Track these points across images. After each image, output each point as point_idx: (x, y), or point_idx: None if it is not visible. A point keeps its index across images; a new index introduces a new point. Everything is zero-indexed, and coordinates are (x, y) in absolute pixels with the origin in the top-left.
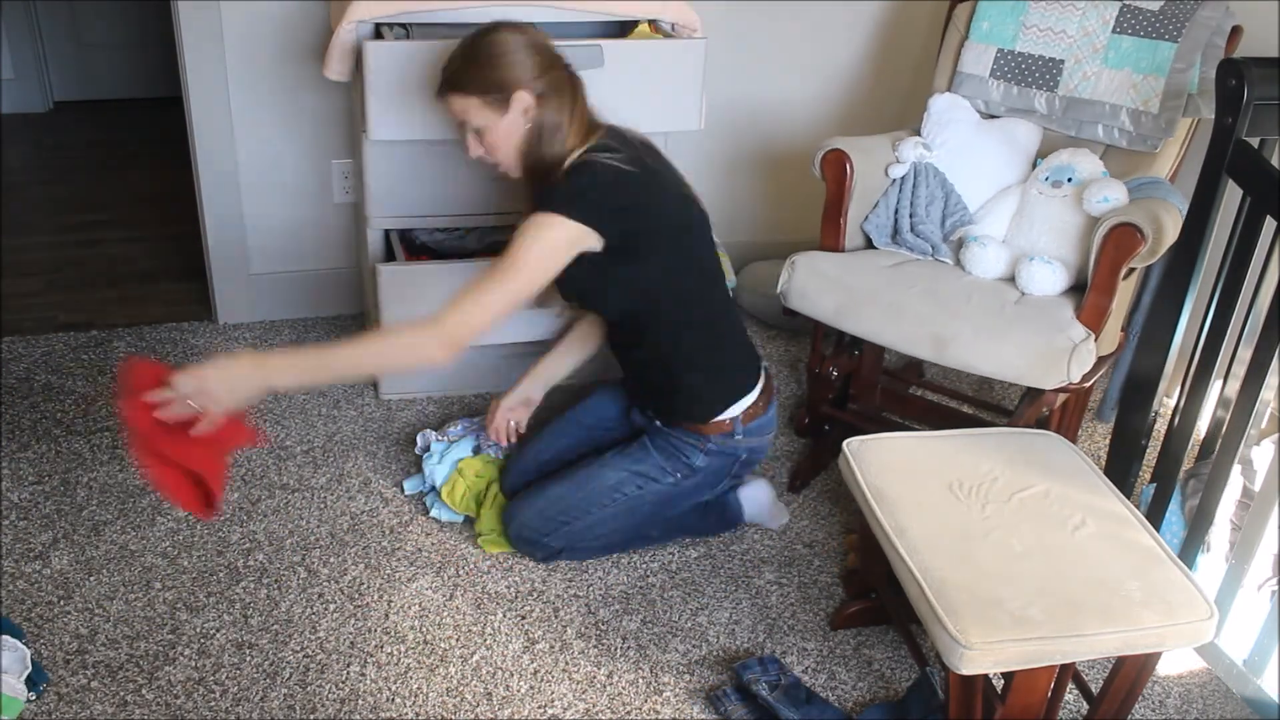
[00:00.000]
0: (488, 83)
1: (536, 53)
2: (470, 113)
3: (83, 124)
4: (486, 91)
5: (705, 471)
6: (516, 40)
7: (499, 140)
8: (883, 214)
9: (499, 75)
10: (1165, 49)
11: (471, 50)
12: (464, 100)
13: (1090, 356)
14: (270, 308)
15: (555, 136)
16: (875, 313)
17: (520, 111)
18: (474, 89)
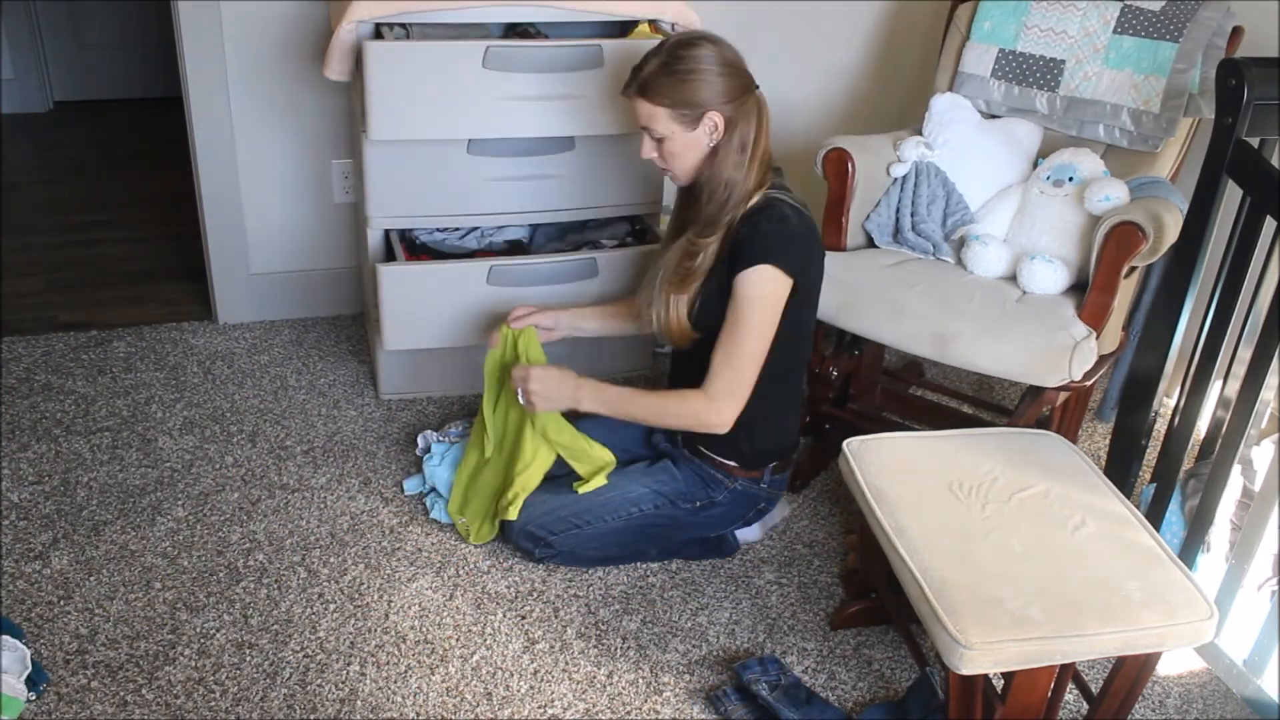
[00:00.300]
0: (681, 96)
1: (734, 75)
2: (656, 120)
3: (83, 124)
4: (678, 105)
5: (724, 507)
6: (717, 57)
7: (678, 152)
8: (884, 213)
9: (694, 92)
10: (1166, 49)
11: (671, 60)
12: (652, 108)
13: (1092, 354)
14: (270, 308)
15: (735, 161)
16: (877, 311)
17: (708, 131)
18: (665, 100)
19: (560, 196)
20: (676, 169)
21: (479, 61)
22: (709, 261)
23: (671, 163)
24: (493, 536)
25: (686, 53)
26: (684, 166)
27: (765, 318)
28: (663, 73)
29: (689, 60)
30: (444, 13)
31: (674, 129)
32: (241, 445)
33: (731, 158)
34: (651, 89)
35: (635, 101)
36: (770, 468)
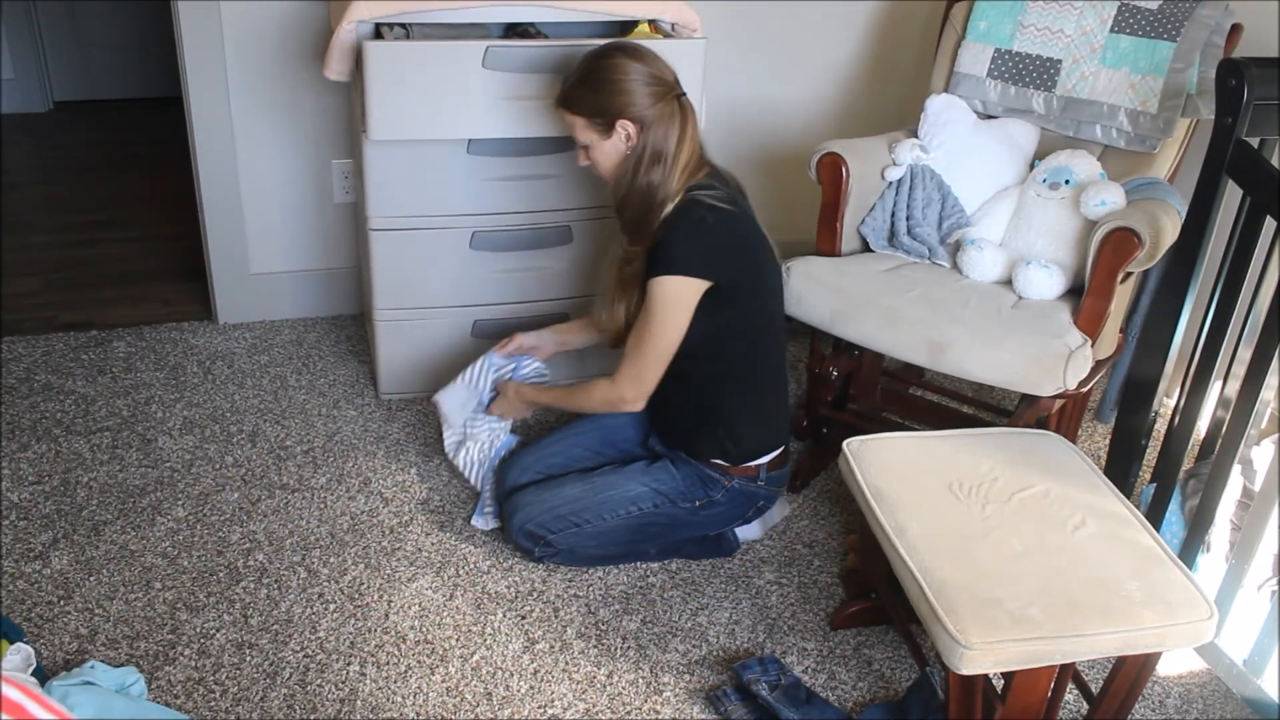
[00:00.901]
0: (594, 106)
1: (650, 82)
2: (577, 130)
3: (83, 124)
4: (591, 115)
5: (723, 506)
6: (630, 67)
7: (599, 159)
8: (879, 217)
9: (606, 101)
10: (1164, 48)
11: (586, 72)
12: (572, 117)
13: (1086, 363)
14: (270, 308)
15: (656, 166)
16: (871, 318)
17: (622, 138)
18: (581, 109)
19: (560, 196)
20: (604, 175)
21: (479, 61)
22: (641, 266)
23: (598, 170)
24: None
25: (599, 63)
26: (609, 172)
27: (669, 320)
28: (578, 83)
29: (600, 71)
30: (444, 13)
31: (592, 137)
32: (241, 445)
33: (646, 164)
34: (569, 99)
35: (559, 113)
36: (764, 465)
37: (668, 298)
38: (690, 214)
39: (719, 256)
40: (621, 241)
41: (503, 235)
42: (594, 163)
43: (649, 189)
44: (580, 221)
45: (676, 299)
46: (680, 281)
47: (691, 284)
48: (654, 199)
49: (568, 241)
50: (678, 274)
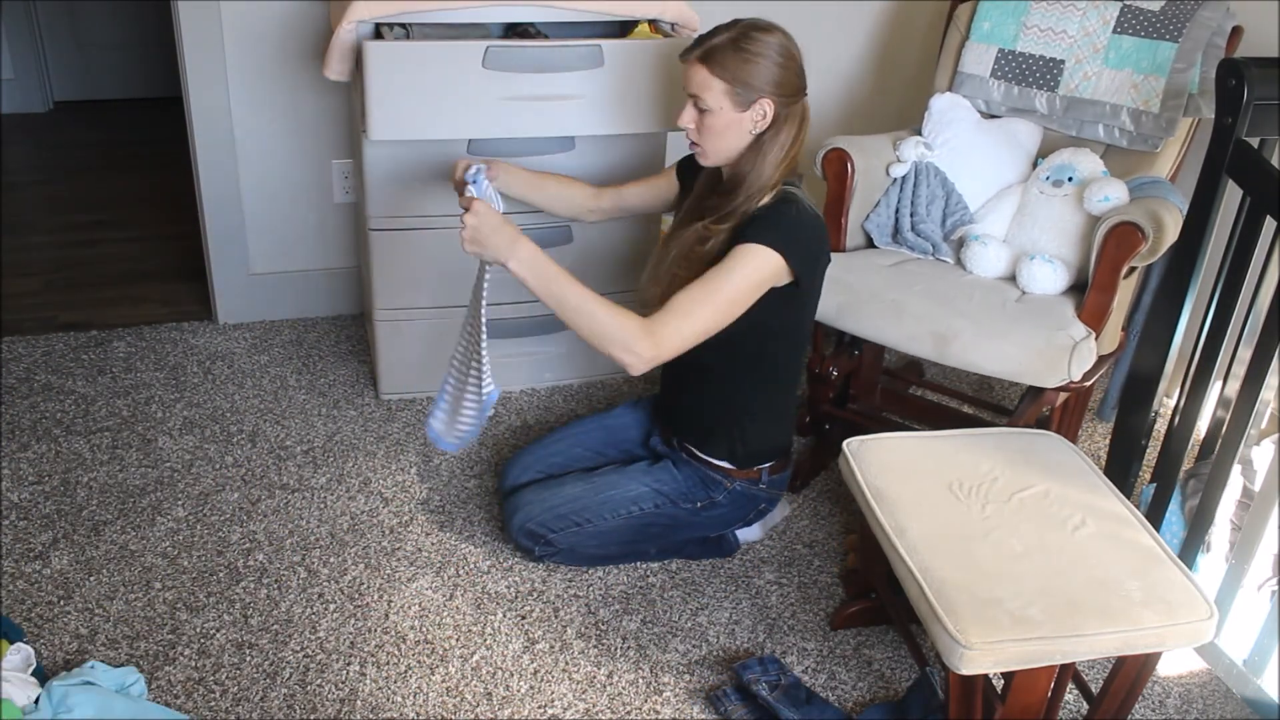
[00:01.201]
0: (745, 75)
1: (795, 72)
2: (709, 91)
3: (83, 124)
4: (736, 82)
5: (725, 508)
6: (792, 51)
7: (719, 129)
8: (884, 213)
9: (761, 74)
10: (1166, 49)
11: (742, 38)
12: (709, 77)
13: (1091, 355)
14: (270, 308)
15: (769, 157)
16: (876, 312)
17: (755, 118)
18: (726, 73)
19: None
20: (710, 147)
21: (479, 61)
22: (718, 248)
23: (707, 139)
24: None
25: (760, 35)
26: (718, 147)
27: (741, 288)
28: (731, 46)
29: (760, 43)
30: (444, 13)
31: (724, 105)
32: (241, 445)
33: (769, 152)
34: (715, 59)
35: (693, 67)
36: (767, 468)
37: (754, 265)
38: (791, 206)
39: (810, 253)
40: (705, 221)
41: None
42: (708, 130)
43: (757, 174)
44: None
45: (758, 270)
46: (772, 255)
47: (780, 264)
48: (757, 185)
49: (568, 241)
50: (773, 248)
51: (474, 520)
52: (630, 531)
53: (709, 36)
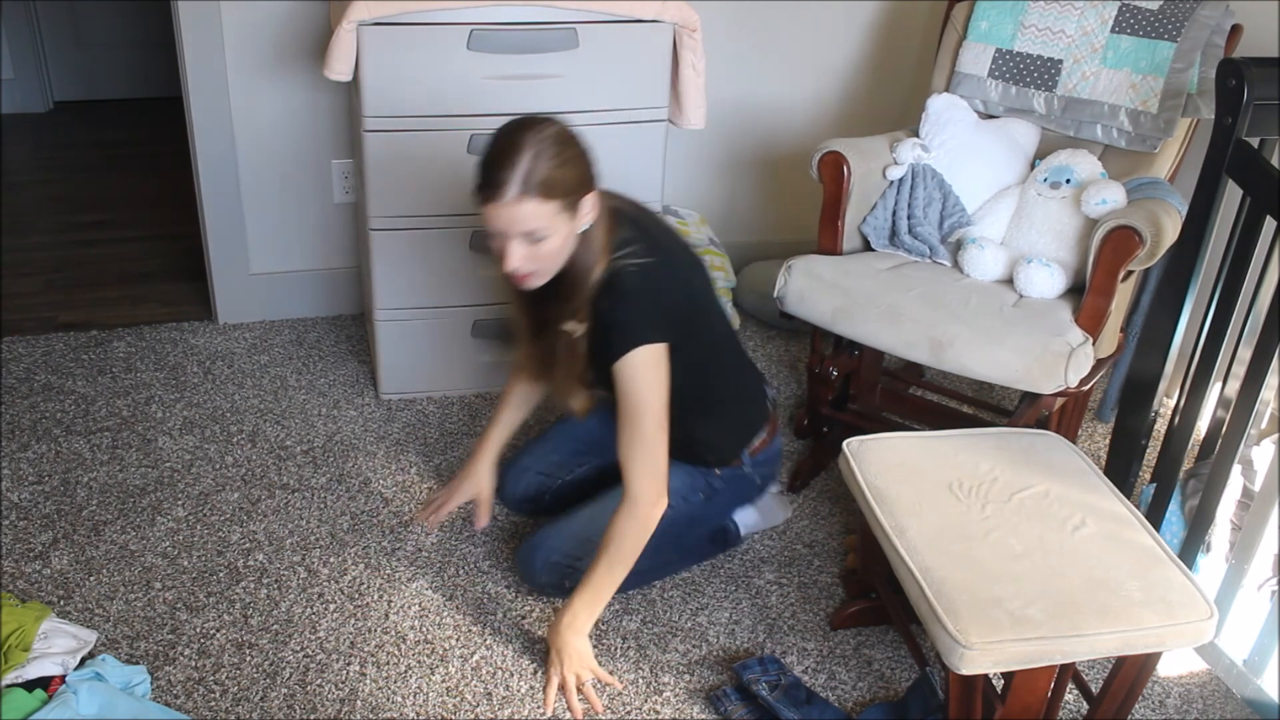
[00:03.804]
0: (570, 184)
1: (587, 149)
2: (539, 220)
3: (83, 124)
4: (567, 195)
5: (726, 490)
6: (572, 132)
7: (557, 249)
8: (881, 216)
9: (580, 175)
10: (1164, 49)
11: (548, 146)
12: (541, 207)
13: (1088, 361)
14: (270, 308)
15: (595, 243)
16: (873, 316)
17: (584, 216)
18: (558, 192)
19: None
20: (546, 269)
21: (464, 44)
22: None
23: (544, 264)
24: None
25: (561, 134)
26: (554, 265)
27: (653, 391)
28: (547, 163)
29: (564, 142)
30: (444, 12)
31: (559, 224)
32: (241, 445)
33: (594, 238)
34: (542, 184)
35: (517, 206)
36: (746, 453)
37: (641, 374)
38: (621, 285)
39: (663, 316)
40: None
41: None
42: (545, 257)
43: (588, 263)
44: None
45: (650, 370)
46: (646, 351)
47: (657, 349)
48: (588, 272)
49: None
50: (640, 343)
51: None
52: (655, 538)
53: (508, 168)
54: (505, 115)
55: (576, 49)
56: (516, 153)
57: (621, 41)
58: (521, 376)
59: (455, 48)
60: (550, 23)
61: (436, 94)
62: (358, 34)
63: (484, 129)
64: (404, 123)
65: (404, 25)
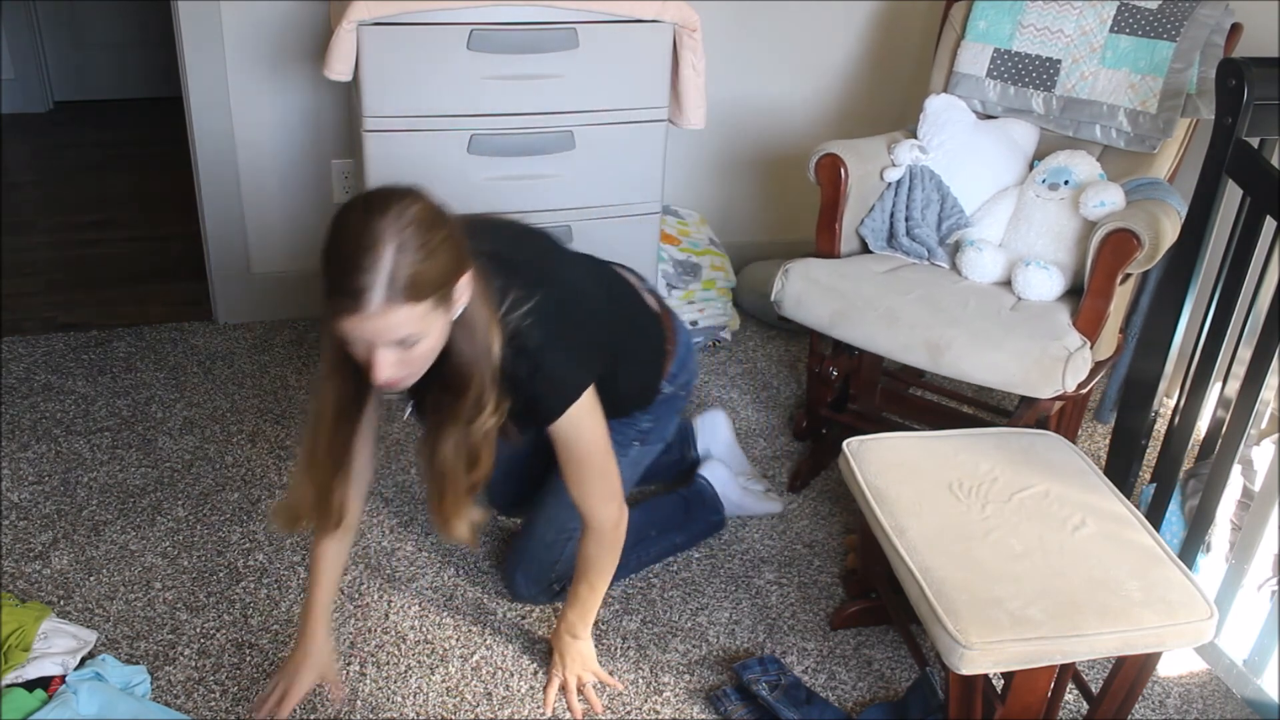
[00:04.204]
0: (441, 277)
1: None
2: (411, 326)
3: (83, 124)
4: (439, 289)
5: (656, 421)
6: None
7: (431, 348)
8: (878, 218)
9: (449, 262)
10: (1163, 48)
11: (421, 236)
12: (412, 311)
13: (1085, 365)
14: (270, 308)
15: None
16: (870, 320)
17: (459, 302)
18: (428, 290)
19: (560, 196)
20: (418, 370)
21: (464, 44)
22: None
23: (419, 365)
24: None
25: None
26: (426, 364)
27: (598, 429)
28: (413, 257)
29: (426, 227)
30: (443, 12)
31: (433, 322)
32: (241, 445)
33: (476, 316)
34: (414, 286)
35: (383, 316)
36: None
37: (580, 421)
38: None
39: (584, 351)
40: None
41: None
42: (415, 359)
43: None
44: (581, 221)
45: (584, 414)
46: (578, 403)
47: (587, 392)
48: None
49: (568, 242)
50: (574, 397)
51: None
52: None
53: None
54: (505, 115)
55: (576, 49)
56: (375, 250)
57: (621, 41)
58: (325, 528)
59: (455, 48)
60: (550, 23)
61: (436, 94)
62: (358, 34)
63: (484, 129)
64: (404, 123)
65: (404, 25)
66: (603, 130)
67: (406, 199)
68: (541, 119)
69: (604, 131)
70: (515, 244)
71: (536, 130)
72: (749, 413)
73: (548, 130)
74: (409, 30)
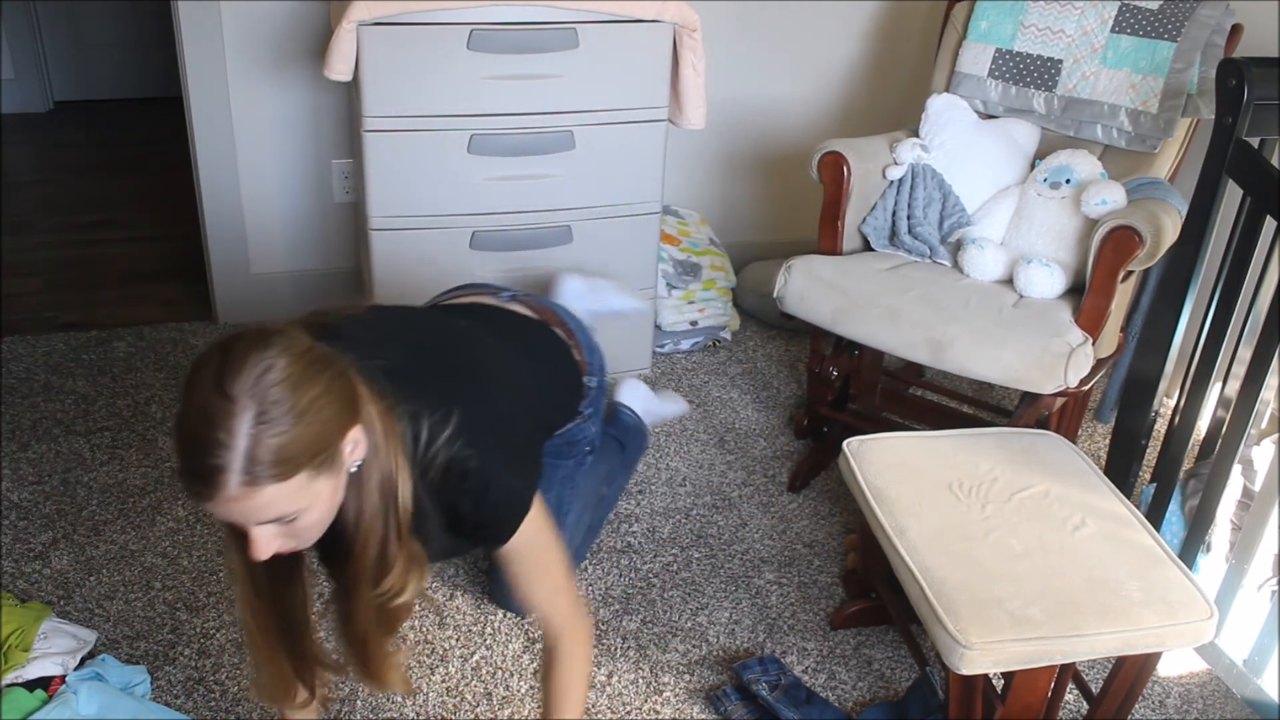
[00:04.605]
0: (324, 436)
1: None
2: (286, 505)
3: (83, 124)
4: (318, 454)
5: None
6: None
7: (324, 514)
8: (880, 216)
9: (329, 421)
10: (1164, 48)
11: (289, 397)
12: (281, 488)
13: (1087, 361)
14: (270, 308)
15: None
16: (873, 317)
17: (349, 458)
18: (304, 458)
19: (560, 196)
20: (315, 535)
21: (464, 44)
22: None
23: (310, 534)
24: None
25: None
26: (325, 525)
27: (550, 537)
28: (287, 423)
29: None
30: (443, 12)
31: (318, 487)
32: None
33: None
34: (281, 461)
35: (250, 498)
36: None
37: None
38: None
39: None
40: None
41: (503, 235)
42: (302, 531)
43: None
44: (581, 221)
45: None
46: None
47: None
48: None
49: (568, 242)
50: (525, 514)
51: None
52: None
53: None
54: (505, 115)
55: (576, 49)
56: (228, 425)
57: (621, 41)
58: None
59: (455, 48)
60: (550, 23)
61: (436, 94)
62: (358, 34)
63: (484, 129)
64: (404, 123)
65: (404, 25)
66: (603, 130)
67: (269, 353)
68: (541, 119)
69: (604, 131)
70: (415, 352)
71: (536, 130)
72: (749, 413)
73: (548, 130)
74: (409, 30)
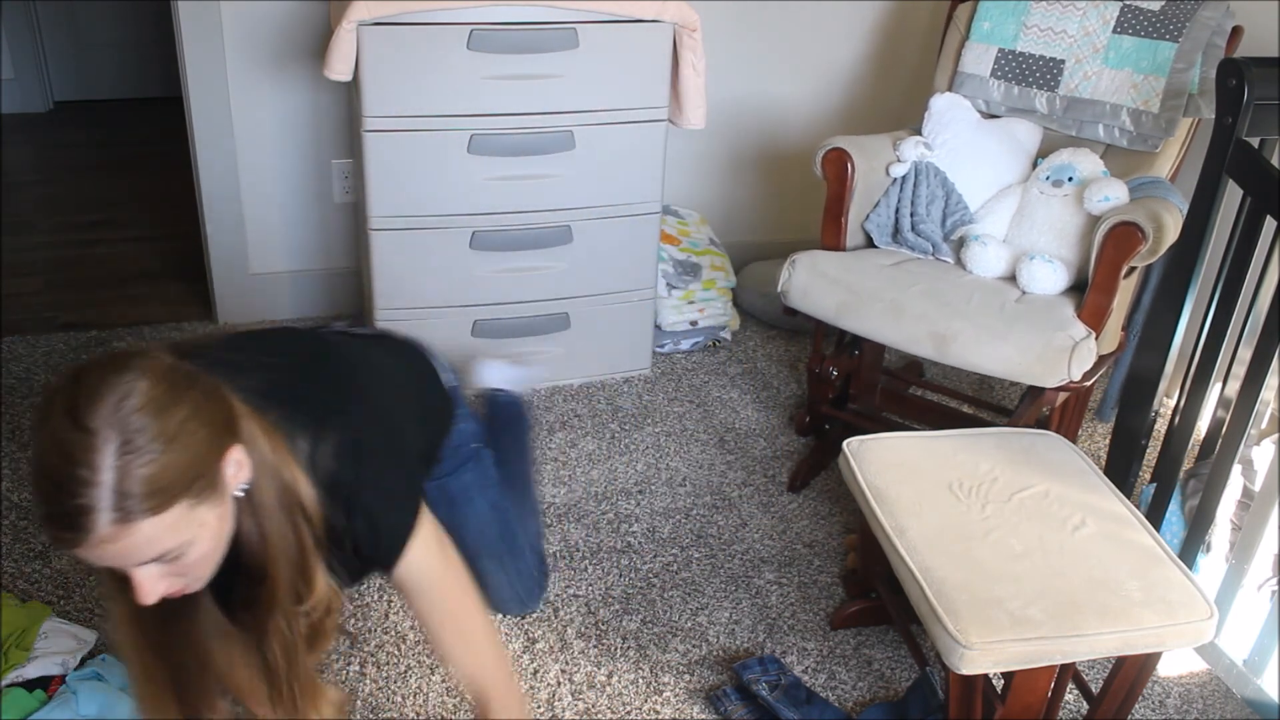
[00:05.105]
0: (199, 460)
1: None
2: (166, 542)
3: (83, 124)
4: (199, 477)
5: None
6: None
7: (212, 546)
8: (884, 213)
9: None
10: (1166, 49)
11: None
12: (159, 522)
13: (1091, 355)
14: (270, 308)
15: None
16: (876, 312)
17: (233, 481)
18: (180, 488)
19: (560, 196)
20: (202, 574)
21: (464, 44)
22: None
23: (201, 569)
24: None
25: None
26: (217, 558)
27: (450, 564)
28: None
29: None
30: (443, 12)
31: (201, 516)
32: None
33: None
34: (155, 493)
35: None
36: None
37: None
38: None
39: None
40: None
41: (503, 235)
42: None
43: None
44: (581, 221)
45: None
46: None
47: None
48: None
49: (568, 241)
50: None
51: None
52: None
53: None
54: (505, 115)
55: (576, 49)
56: (90, 458)
57: (621, 41)
58: None
59: (455, 48)
60: (550, 23)
61: (436, 94)
62: (358, 34)
63: (484, 129)
64: (404, 123)
65: (404, 25)
66: (603, 130)
67: (126, 376)
68: (541, 119)
69: (604, 131)
70: (290, 373)
71: (536, 130)
72: (749, 412)
73: (548, 130)
74: (409, 30)
